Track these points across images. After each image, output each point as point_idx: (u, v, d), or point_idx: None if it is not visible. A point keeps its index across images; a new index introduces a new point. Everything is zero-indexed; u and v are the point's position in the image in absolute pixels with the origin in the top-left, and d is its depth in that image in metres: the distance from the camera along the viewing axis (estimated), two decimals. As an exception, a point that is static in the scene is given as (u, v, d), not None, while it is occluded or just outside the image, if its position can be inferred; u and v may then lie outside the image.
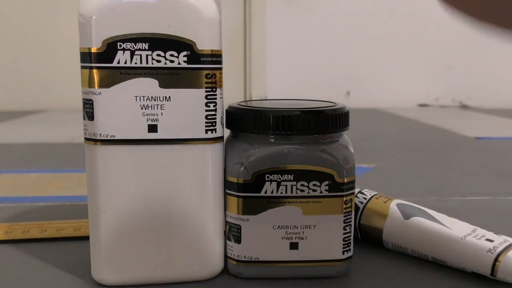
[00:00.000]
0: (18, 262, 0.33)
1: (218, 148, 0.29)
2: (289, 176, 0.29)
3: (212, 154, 0.29)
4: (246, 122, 0.29)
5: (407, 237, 0.32)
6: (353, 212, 0.30)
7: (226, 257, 0.30)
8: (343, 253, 0.30)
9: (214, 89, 0.28)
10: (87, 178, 0.28)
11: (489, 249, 0.29)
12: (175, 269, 0.29)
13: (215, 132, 0.29)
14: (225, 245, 0.30)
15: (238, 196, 0.29)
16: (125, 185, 0.28)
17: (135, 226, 0.28)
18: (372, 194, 0.35)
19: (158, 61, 0.27)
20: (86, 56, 0.27)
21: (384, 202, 0.34)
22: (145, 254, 0.29)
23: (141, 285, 0.29)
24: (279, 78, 1.50)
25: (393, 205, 0.34)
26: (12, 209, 0.45)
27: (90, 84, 0.27)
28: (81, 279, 0.30)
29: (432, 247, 0.31)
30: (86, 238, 0.30)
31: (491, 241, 0.30)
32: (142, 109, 0.27)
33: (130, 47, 0.27)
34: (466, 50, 1.53)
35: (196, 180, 0.29)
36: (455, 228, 0.31)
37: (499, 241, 0.30)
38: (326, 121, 0.29)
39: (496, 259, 0.28)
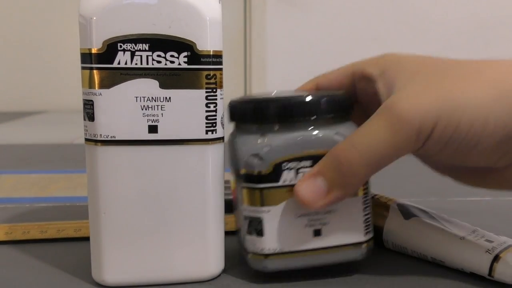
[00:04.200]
0: (18, 262, 0.33)
1: (218, 148, 0.29)
2: (307, 162, 0.28)
3: (212, 155, 0.29)
4: (257, 112, 0.29)
5: (407, 237, 0.32)
6: (370, 194, 0.30)
7: (246, 253, 0.30)
8: (365, 235, 0.30)
9: (214, 90, 0.28)
10: (88, 179, 0.29)
11: (488, 249, 0.29)
12: (175, 270, 0.29)
13: (216, 132, 0.29)
14: (244, 241, 0.30)
15: (256, 188, 0.28)
16: (125, 186, 0.28)
17: (136, 227, 0.28)
18: (372, 194, 0.35)
19: (159, 62, 0.27)
20: (86, 57, 0.27)
21: (384, 202, 0.34)
22: (146, 254, 0.29)
23: (141, 286, 0.29)
24: (279, 78, 1.50)
25: (393, 205, 0.34)
26: (13, 209, 0.45)
27: (91, 84, 0.27)
28: (81, 279, 0.30)
29: (431, 247, 0.31)
30: (87, 238, 0.30)
31: (490, 241, 0.30)
32: (142, 109, 0.28)
33: (131, 47, 0.27)
34: (466, 50, 1.53)
35: (196, 181, 0.29)
36: (455, 229, 0.31)
37: (498, 242, 0.30)
38: (339, 104, 0.29)
39: (494, 260, 0.28)
